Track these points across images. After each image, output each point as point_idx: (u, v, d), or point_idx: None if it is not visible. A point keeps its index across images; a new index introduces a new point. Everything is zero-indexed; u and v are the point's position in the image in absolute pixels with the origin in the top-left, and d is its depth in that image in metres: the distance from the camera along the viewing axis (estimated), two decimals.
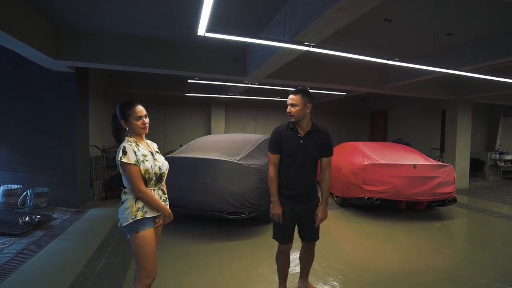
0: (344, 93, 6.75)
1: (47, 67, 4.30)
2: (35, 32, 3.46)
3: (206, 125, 8.68)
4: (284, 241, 2.13)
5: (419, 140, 8.23)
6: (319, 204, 2.12)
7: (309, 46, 2.91)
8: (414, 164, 4.27)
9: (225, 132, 8.53)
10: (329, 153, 2.11)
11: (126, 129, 1.78)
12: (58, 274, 2.63)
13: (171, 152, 5.66)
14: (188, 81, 5.38)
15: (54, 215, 4.22)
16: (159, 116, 8.00)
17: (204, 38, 2.61)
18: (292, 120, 2.03)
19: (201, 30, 2.53)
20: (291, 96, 2.04)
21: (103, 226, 3.88)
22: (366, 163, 4.38)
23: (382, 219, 4.32)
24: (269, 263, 2.87)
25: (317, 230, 2.20)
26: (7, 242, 3.32)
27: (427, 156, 5.03)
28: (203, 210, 3.44)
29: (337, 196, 5.11)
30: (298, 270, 2.43)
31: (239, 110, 8.94)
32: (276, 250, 2.18)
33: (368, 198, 4.26)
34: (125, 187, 1.76)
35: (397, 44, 4.42)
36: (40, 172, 4.37)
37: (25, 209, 4.27)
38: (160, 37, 4.24)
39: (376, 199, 4.22)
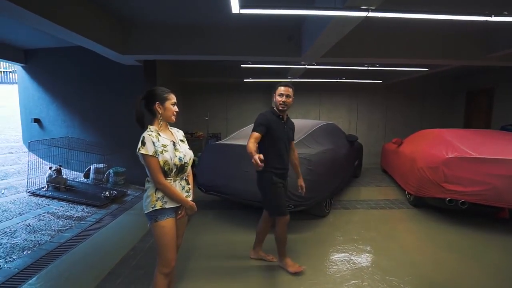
0: (426, 69, 5.48)
1: (119, 61, 4.85)
2: (104, 30, 3.86)
3: None
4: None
5: None
6: (298, 178, 2.66)
7: (367, 10, 2.33)
8: None
9: None
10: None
11: (159, 113, 1.74)
12: (117, 245, 2.96)
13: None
14: (242, 66, 5.28)
15: (128, 192, 4.87)
16: (221, 102, 8.27)
17: (254, 19, 2.40)
18: (285, 109, 2.35)
19: (235, 7, 2.30)
20: (287, 89, 2.31)
21: None
22: (450, 155, 3.46)
23: (471, 229, 3.39)
24: (316, 263, 2.58)
25: None
26: (90, 212, 3.98)
27: None
28: (246, 199, 3.34)
29: (409, 194, 4.29)
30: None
31: (300, 94, 8.35)
32: (281, 228, 2.33)
33: (450, 200, 3.39)
34: (148, 176, 1.77)
35: None
36: (117, 154, 5.07)
37: (108, 184, 5.07)
38: (209, 23, 4.20)
39: (463, 202, 3.32)
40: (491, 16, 2.48)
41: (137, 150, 1.65)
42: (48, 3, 2.85)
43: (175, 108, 1.79)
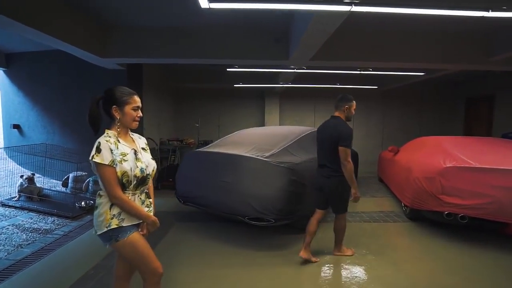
0: (423, 74, 5.24)
1: (100, 65, 4.64)
2: (82, 33, 3.67)
3: (260, 118, 8.31)
4: None
5: None
6: None
7: (350, 4, 2.11)
8: None
9: (280, 125, 7.99)
10: None
11: (117, 118, 1.52)
12: (79, 263, 2.66)
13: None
14: (228, 70, 5.06)
15: None
16: (213, 108, 8.05)
17: (239, 20, 2.19)
18: None
19: (203, 1, 2.07)
20: None
21: None
22: (448, 165, 3.18)
23: (473, 246, 3.07)
24: (296, 285, 2.28)
25: None
26: (60, 224, 3.69)
27: None
28: (224, 212, 3.06)
29: (405, 206, 3.98)
30: None
31: (295, 100, 8.22)
32: (344, 220, 2.76)
33: (449, 214, 3.09)
34: (101, 189, 1.52)
35: None
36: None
37: (87, 194, 4.79)
38: (192, 24, 4.00)
39: (463, 217, 3.02)
40: (488, 11, 2.25)
41: (90, 158, 1.41)
42: (21, 6, 2.69)
43: (138, 113, 1.56)
